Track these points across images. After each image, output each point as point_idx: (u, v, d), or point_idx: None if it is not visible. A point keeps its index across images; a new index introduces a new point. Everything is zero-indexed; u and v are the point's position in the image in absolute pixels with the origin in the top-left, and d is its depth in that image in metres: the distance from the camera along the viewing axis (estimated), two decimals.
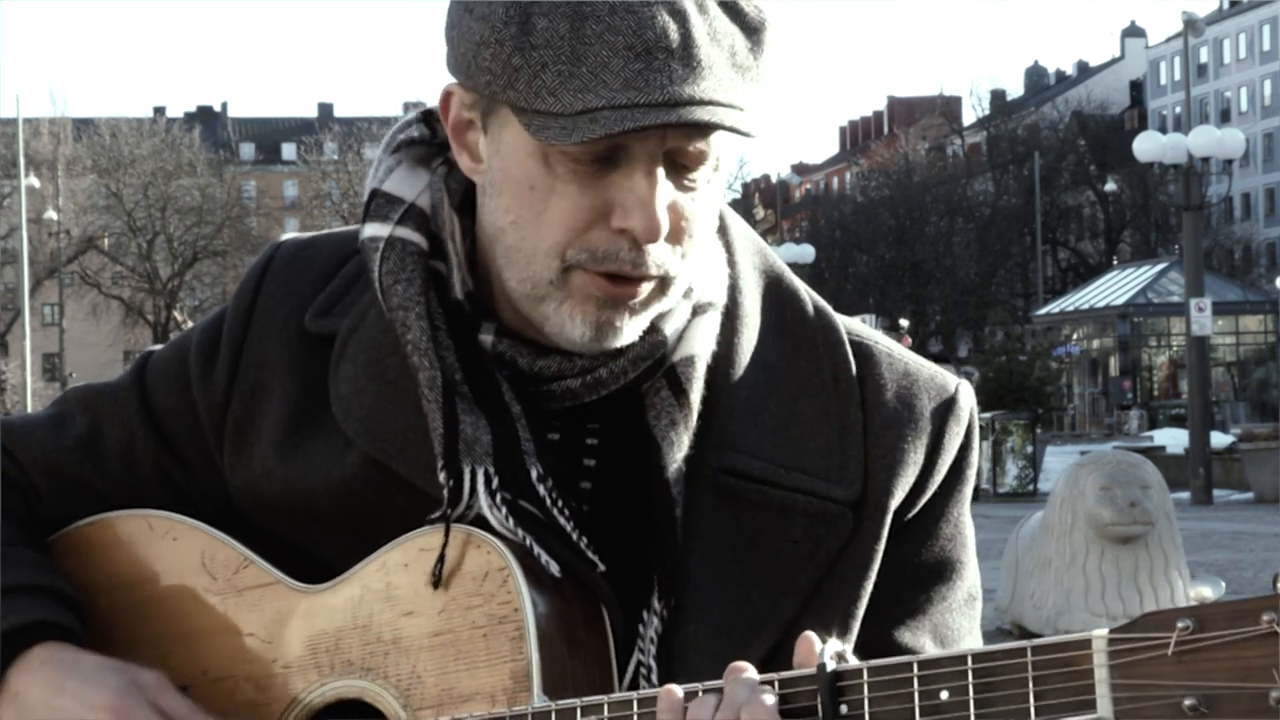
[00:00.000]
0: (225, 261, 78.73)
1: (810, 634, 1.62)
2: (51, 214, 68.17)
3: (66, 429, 2.00)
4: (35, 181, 62.98)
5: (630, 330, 1.78)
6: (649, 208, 1.72)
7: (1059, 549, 11.85)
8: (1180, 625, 1.44)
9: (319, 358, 1.89)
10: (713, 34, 1.71)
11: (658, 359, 1.82)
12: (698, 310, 1.85)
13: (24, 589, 1.87)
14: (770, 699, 1.57)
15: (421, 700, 1.76)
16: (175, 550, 1.92)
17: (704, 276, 1.85)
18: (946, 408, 1.90)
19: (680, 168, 1.74)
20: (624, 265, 1.73)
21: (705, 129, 1.70)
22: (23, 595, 1.87)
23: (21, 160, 50.96)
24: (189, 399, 1.95)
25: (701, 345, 1.83)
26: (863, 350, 1.91)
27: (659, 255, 1.74)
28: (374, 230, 1.86)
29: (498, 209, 1.78)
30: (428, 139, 1.90)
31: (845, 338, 1.90)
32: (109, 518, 1.96)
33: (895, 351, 1.93)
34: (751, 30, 1.75)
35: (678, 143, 1.72)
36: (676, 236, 1.75)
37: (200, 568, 1.90)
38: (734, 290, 1.88)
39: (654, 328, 1.81)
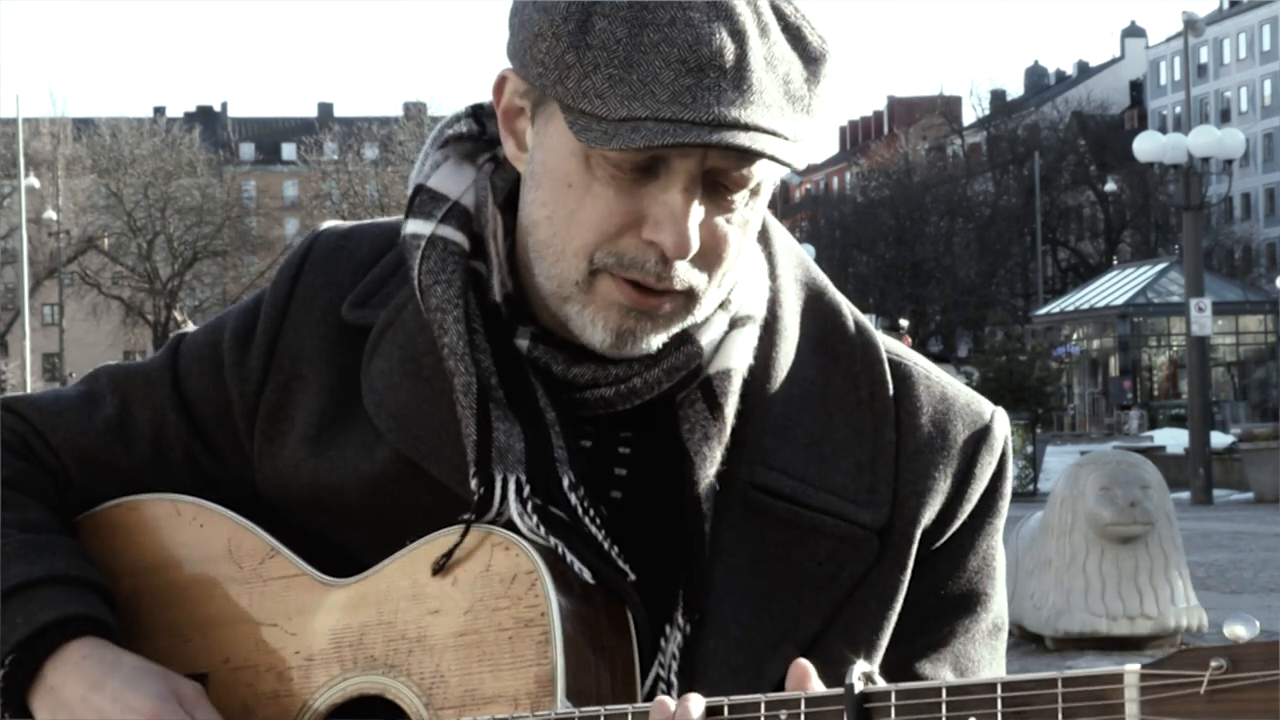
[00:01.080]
0: (225, 261, 78.70)
1: (804, 661, 1.62)
2: (51, 214, 68.11)
3: (97, 410, 1.97)
4: (35, 181, 62.90)
5: (652, 341, 1.76)
6: (680, 224, 1.70)
7: (1059, 549, 11.85)
8: (1214, 664, 1.42)
9: (354, 349, 1.87)
10: (770, 59, 1.70)
11: (693, 370, 1.81)
12: (736, 323, 1.83)
13: (62, 580, 1.85)
14: None
15: (444, 700, 1.74)
16: (202, 536, 1.90)
17: (743, 289, 1.84)
18: (980, 437, 1.88)
19: (720, 188, 1.72)
20: (649, 277, 1.72)
21: (747, 154, 1.69)
22: (61, 587, 1.85)
23: (21, 160, 50.94)
24: (221, 385, 1.93)
25: (739, 359, 1.81)
26: (901, 370, 1.88)
27: (685, 273, 1.73)
28: (416, 227, 1.85)
29: (534, 201, 1.78)
30: (476, 134, 1.89)
31: (884, 356, 1.88)
32: (136, 500, 1.94)
33: (933, 374, 1.91)
34: (811, 60, 1.73)
35: (719, 164, 1.70)
36: (708, 257, 1.74)
37: (226, 555, 1.88)
38: (774, 303, 1.86)
39: (689, 339, 1.80)
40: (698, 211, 1.71)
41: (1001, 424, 1.91)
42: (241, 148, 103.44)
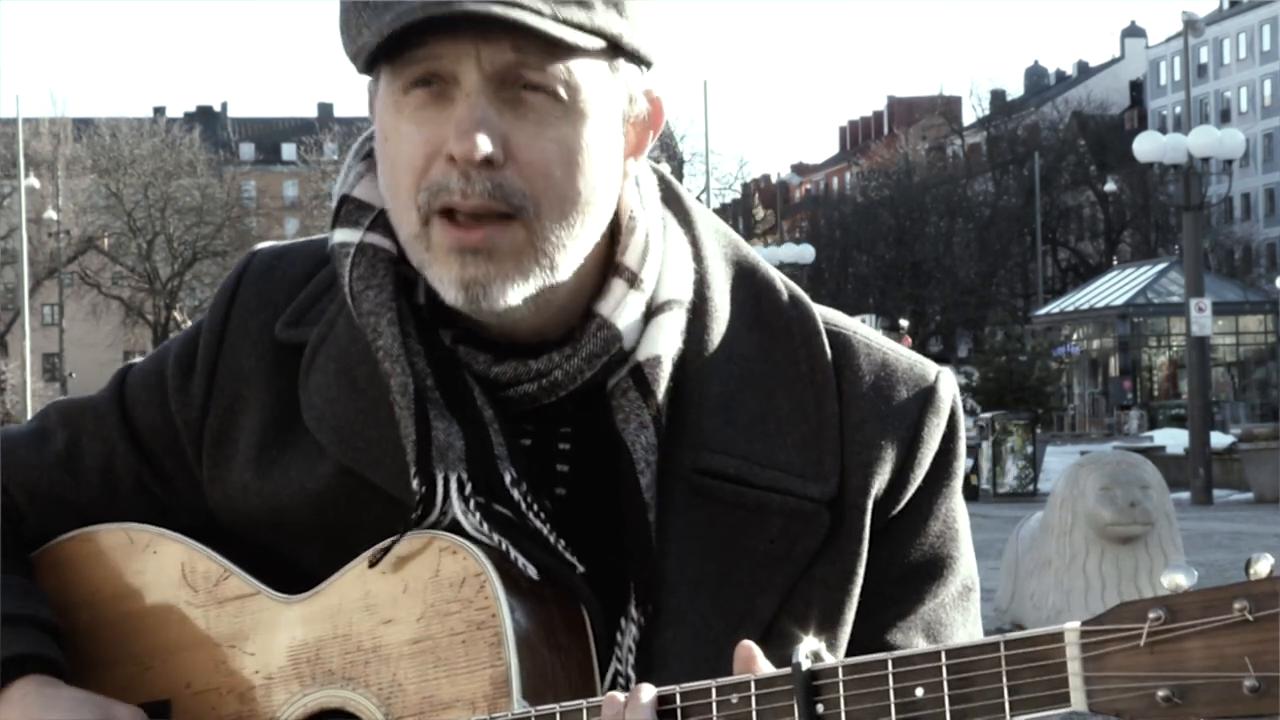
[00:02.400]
0: (225, 261, 78.48)
1: (749, 643, 1.62)
2: (51, 214, 68.21)
3: (47, 445, 1.99)
4: (35, 181, 62.99)
5: (507, 292, 1.75)
6: (461, 125, 1.71)
7: (1059, 549, 11.85)
8: (1153, 615, 1.43)
9: (290, 367, 1.89)
10: None
11: (615, 355, 1.80)
12: (661, 309, 1.82)
13: (9, 619, 1.86)
14: None
15: (403, 708, 1.75)
16: (156, 563, 1.91)
17: (667, 274, 1.83)
18: (925, 398, 1.86)
19: (519, 99, 1.73)
20: (453, 196, 1.72)
21: (508, 39, 1.70)
22: (9, 627, 1.86)
23: (21, 160, 50.96)
24: (167, 413, 1.94)
25: (666, 344, 1.81)
26: (839, 340, 1.87)
27: (492, 184, 1.72)
28: (344, 236, 1.86)
29: (381, 177, 1.81)
30: None
31: (822, 327, 1.87)
32: (89, 532, 1.96)
33: (874, 341, 1.89)
34: None
35: (495, 63, 1.71)
36: (525, 172, 1.73)
37: (181, 580, 1.90)
38: (701, 285, 1.85)
39: (601, 323, 1.80)
40: (487, 116, 1.71)
41: (947, 384, 1.89)
42: (241, 148, 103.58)
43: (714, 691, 1.60)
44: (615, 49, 1.77)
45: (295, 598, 1.83)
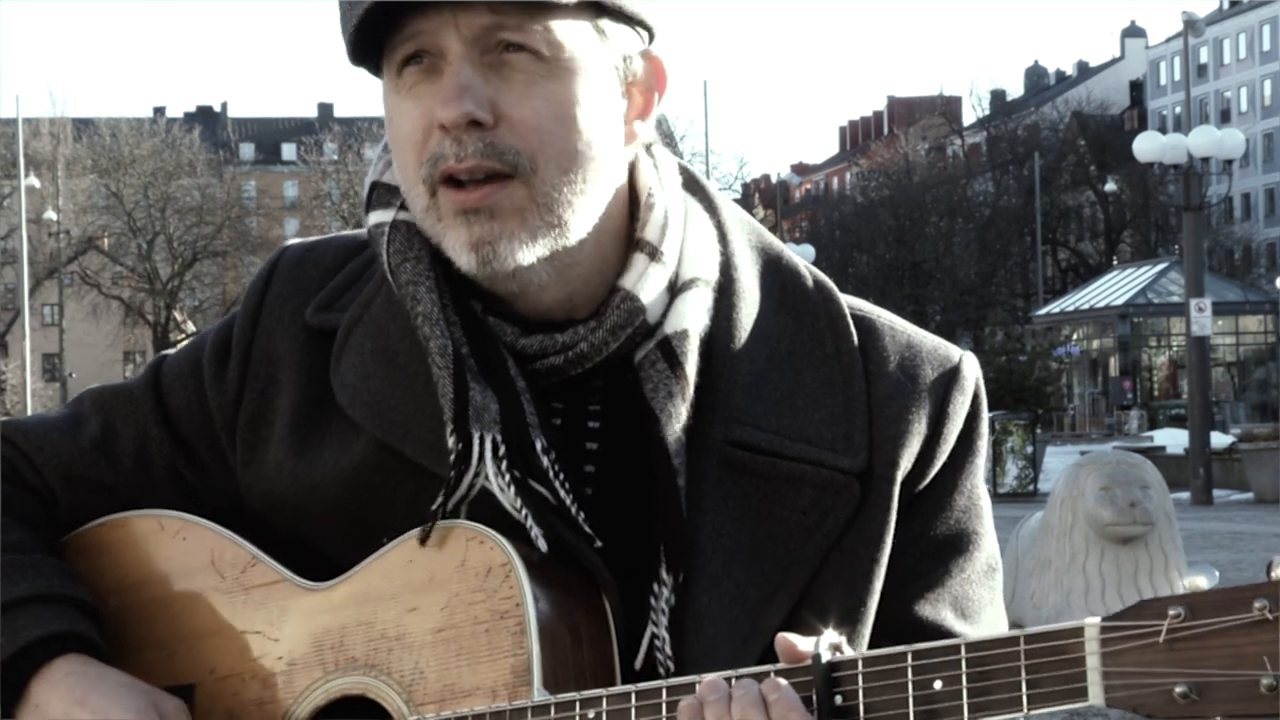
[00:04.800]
0: (225, 261, 78.64)
1: (787, 635, 1.63)
2: (51, 214, 68.09)
3: (81, 430, 2.02)
4: (35, 181, 62.86)
5: (517, 253, 1.79)
6: (446, 92, 1.76)
7: (1059, 549, 11.84)
8: (1172, 613, 1.45)
9: (322, 352, 1.92)
10: None
11: (640, 328, 1.84)
12: (686, 286, 1.85)
13: (47, 598, 1.88)
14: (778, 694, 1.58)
15: (424, 696, 1.76)
16: (185, 549, 1.94)
17: (690, 253, 1.87)
18: (950, 377, 1.91)
19: (502, 61, 1.77)
20: (448, 160, 1.77)
21: (484, 4, 1.75)
22: (46, 605, 1.88)
23: (21, 160, 50.90)
24: (202, 398, 1.98)
25: (693, 319, 1.84)
26: (864, 323, 1.92)
27: (484, 143, 1.76)
28: (378, 217, 1.90)
29: (394, 164, 1.86)
30: None
31: (847, 311, 1.91)
32: (121, 518, 1.98)
33: (898, 324, 1.94)
34: None
35: (473, 26, 1.76)
36: (518, 129, 1.77)
37: (209, 566, 1.92)
38: (728, 267, 1.89)
39: (627, 295, 1.83)
40: (470, 81, 1.76)
41: (970, 365, 1.93)
42: (241, 148, 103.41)
43: (733, 681, 1.61)
44: (598, 7, 1.80)
45: (320, 585, 1.85)
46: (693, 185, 1.95)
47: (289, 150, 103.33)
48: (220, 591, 1.90)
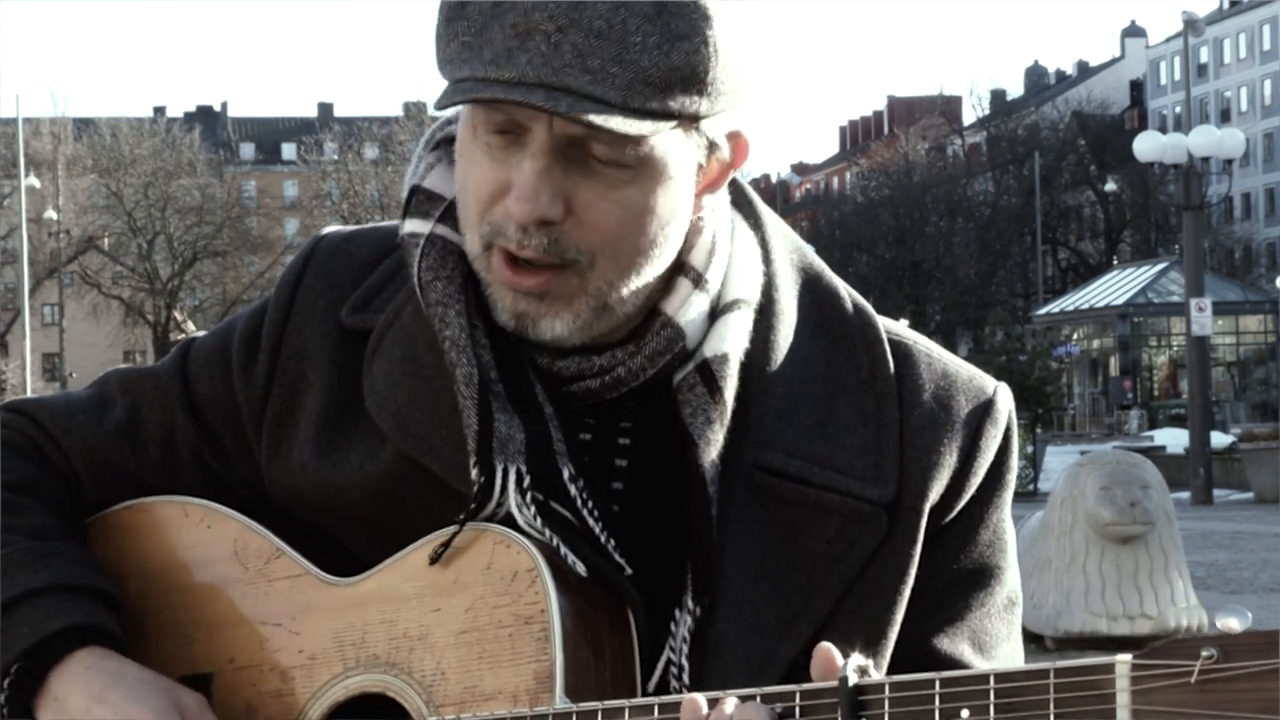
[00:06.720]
0: (225, 261, 78.62)
1: (828, 645, 1.61)
2: (51, 214, 68.08)
3: (108, 413, 1.99)
4: (35, 181, 62.83)
5: (556, 326, 1.77)
6: (522, 188, 1.72)
7: (1059, 549, 11.84)
8: (1205, 654, 1.43)
9: (355, 353, 1.89)
10: (608, 27, 1.69)
11: (678, 353, 1.81)
12: (729, 307, 1.83)
13: (68, 588, 1.86)
14: None
15: (444, 697, 1.75)
16: (208, 538, 1.91)
17: (735, 274, 1.84)
18: (984, 410, 1.88)
19: (588, 160, 1.73)
20: (509, 243, 1.74)
21: (579, 118, 1.68)
22: (67, 595, 1.85)
23: (21, 160, 50.92)
24: (230, 388, 1.94)
25: (734, 343, 1.81)
26: (901, 350, 1.89)
27: (548, 239, 1.73)
28: (414, 226, 1.86)
29: (456, 184, 1.83)
30: None
31: (884, 336, 1.89)
32: (145, 503, 1.96)
33: (934, 352, 1.91)
34: (674, 36, 1.70)
35: (568, 131, 1.71)
36: (584, 230, 1.74)
37: (232, 556, 1.90)
38: (769, 287, 1.86)
39: (666, 322, 1.81)
40: (549, 177, 1.72)
41: (1005, 398, 1.91)
42: (241, 148, 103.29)
43: (758, 699, 1.59)
44: (694, 117, 1.75)
45: (344, 580, 1.83)
46: (739, 200, 1.92)
47: (289, 150, 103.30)
48: (242, 582, 1.89)
